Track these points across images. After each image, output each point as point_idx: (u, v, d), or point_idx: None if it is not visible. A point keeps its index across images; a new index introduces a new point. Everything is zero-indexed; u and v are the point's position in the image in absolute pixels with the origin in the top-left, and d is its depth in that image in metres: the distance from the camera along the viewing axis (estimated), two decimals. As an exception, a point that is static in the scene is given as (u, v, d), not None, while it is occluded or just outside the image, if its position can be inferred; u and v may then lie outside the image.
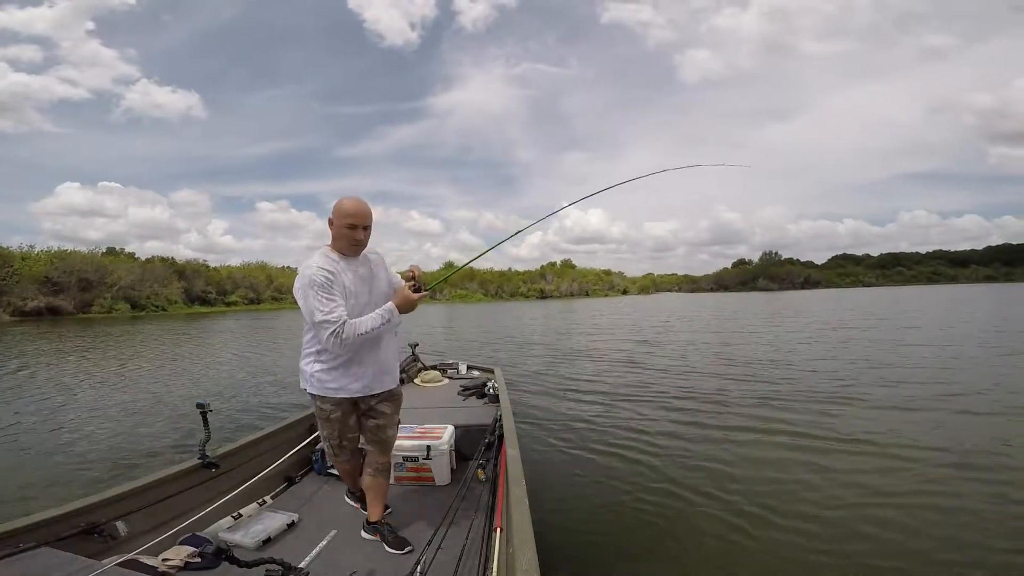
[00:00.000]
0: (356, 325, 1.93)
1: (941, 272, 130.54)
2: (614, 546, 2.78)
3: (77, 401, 7.24)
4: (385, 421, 2.25)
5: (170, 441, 5.13)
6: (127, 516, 2.04)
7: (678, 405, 5.68)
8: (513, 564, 1.44)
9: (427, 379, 4.88)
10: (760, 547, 2.74)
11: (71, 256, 46.13)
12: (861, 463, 4.00)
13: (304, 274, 1.96)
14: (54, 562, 1.54)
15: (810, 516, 3.05)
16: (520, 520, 1.61)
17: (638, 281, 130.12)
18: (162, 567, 1.71)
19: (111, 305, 44.03)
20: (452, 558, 1.83)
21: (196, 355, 13.09)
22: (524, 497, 1.81)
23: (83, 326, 27.53)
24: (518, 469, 2.12)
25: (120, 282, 45.73)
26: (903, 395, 6.16)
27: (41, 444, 5.19)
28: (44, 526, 1.76)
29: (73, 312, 41.48)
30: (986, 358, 8.84)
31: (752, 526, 2.95)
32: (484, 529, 2.14)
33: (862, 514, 3.13)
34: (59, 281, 42.28)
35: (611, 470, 3.85)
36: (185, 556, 1.75)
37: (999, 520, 3.03)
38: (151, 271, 50.32)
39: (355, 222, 2.02)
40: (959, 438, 4.46)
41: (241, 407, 6.59)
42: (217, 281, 57.93)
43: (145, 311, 45.91)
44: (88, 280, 44.24)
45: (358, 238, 2.05)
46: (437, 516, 2.17)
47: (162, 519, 2.14)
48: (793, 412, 5.45)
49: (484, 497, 2.42)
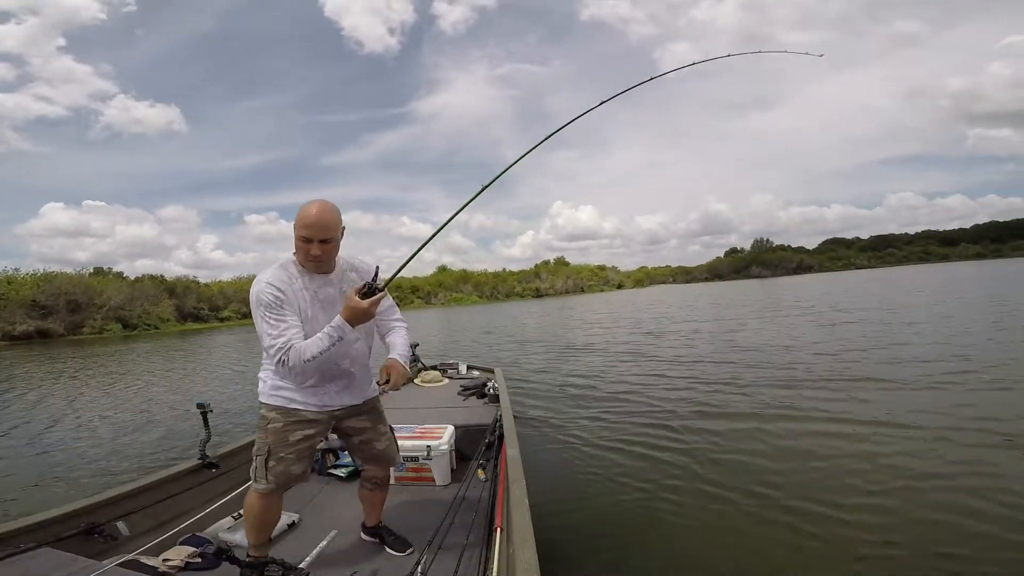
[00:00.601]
0: (301, 351, 1.64)
1: (932, 251, 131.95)
2: (615, 546, 2.75)
3: (67, 420, 6.97)
4: (368, 436, 2.00)
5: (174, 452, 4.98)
6: (128, 516, 2.04)
7: (679, 404, 5.55)
8: (513, 564, 1.43)
9: (427, 379, 4.82)
10: (765, 545, 2.66)
11: (57, 278, 45.45)
12: (887, 445, 3.87)
13: (252, 291, 1.71)
14: (55, 562, 1.55)
15: (813, 513, 2.93)
16: (520, 520, 1.61)
17: (632, 275, 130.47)
18: (162, 567, 1.69)
19: (102, 326, 43.39)
20: (452, 558, 1.82)
21: (193, 369, 12.74)
22: (524, 497, 1.81)
23: (74, 348, 27.02)
24: (518, 469, 2.11)
25: (110, 302, 45.06)
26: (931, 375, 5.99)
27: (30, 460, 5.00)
28: (45, 527, 1.76)
29: (63, 334, 40.85)
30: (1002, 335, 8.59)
31: (759, 522, 2.87)
32: (484, 529, 2.13)
33: (877, 503, 3.00)
34: (47, 304, 41.60)
35: (612, 469, 3.78)
36: (185, 556, 1.73)
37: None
38: (141, 290, 49.70)
39: (308, 235, 1.69)
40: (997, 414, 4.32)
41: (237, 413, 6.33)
42: (208, 297, 57.35)
43: (137, 330, 45.30)
44: (77, 302, 43.59)
45: (313, 253, 1.71)
46: (437, 516, 2.16)
47: (162, 519, 2.14)
48: (800, 401, 5.32)
49: (484, 497, 2.40)
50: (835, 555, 2.51)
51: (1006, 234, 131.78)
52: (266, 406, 1.83)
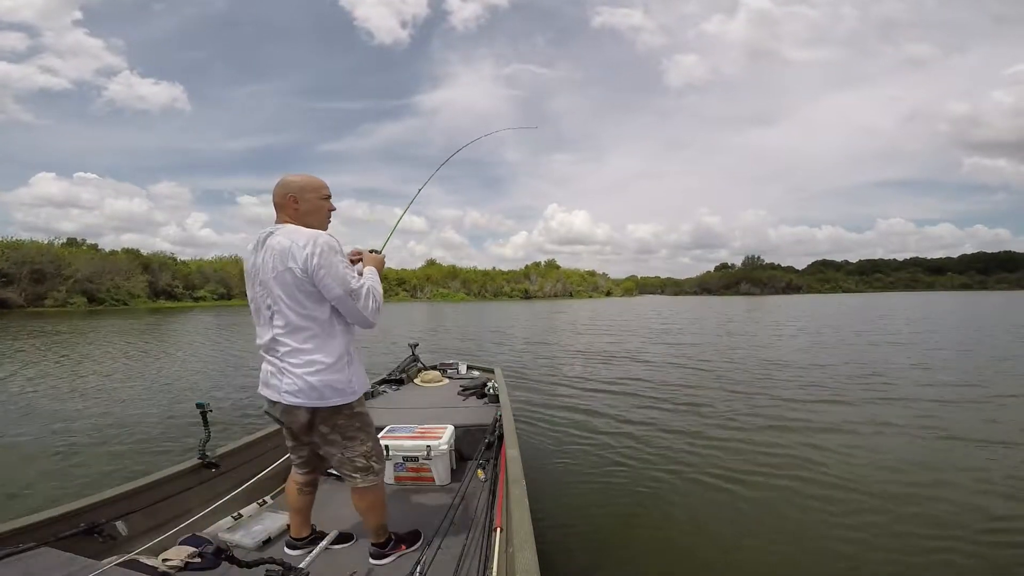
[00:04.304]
0: (377, 287, 1.80)
1: (919, 279, 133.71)
2: (614, 546, 2.74)
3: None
4: (331, 450, 1.85)
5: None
6: (127, 516, 2.02)
7: (680, 404, 5.66)
8: (513, 564, 1.45)
9: (427, 379, 4.80)
10: (765, 545, 2.70)
11: (24, 246, 43.24)
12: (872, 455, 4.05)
13: (320, 241, 1.64)
14: (54, 562, 1.54)
15: (819, 515, 3.02)
16: (520, 520, 1.62)
17: (622, 283, 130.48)
18: (162, 567, 1.68)
19: (65, 299, 41.28)
20: (452, 558, 1.82)
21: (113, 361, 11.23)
22: (524, 497, 1.80)
23: (27, 319, 25.22)
24: (518, 469, 2.11)
25: (76, 274, 42.94)
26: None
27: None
28: (44, 526, 1.75)
29: (23, 305, 38.77)
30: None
31: (759, 523, 2.92)
32: (484, 529, 2.10)
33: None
34: (8, 272, 39.46)
35: (612, 469, 3.78)
36: (185, 556, 1.71)
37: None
38: (113, 263, 47.55)
39: (328, 192, 1.85)
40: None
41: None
42: (185, 275, 55.24)
43: (104, 305, 43.25)
44: (42, 271, 41.46)
45: (331, 208, 1.87)
46: (437, 516, 2.16)
47: (162, 519, 2.13)
48: (808, 411, 5.41)
49: (484, 497, 2.38)
50: (835, 555, 2.58)
51: (992, 265, 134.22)
52: (359, 400, 1.84)
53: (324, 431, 1.78)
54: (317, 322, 1.68)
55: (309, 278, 1.62)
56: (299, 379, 1.67)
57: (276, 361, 1.70)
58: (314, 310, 1.67)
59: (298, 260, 1.61)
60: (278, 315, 1.67)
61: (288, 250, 1.62)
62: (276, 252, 1.63)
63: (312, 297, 1.65)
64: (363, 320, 1.74)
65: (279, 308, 1.66)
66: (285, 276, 1.62)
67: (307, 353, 1.67)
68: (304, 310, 1.66)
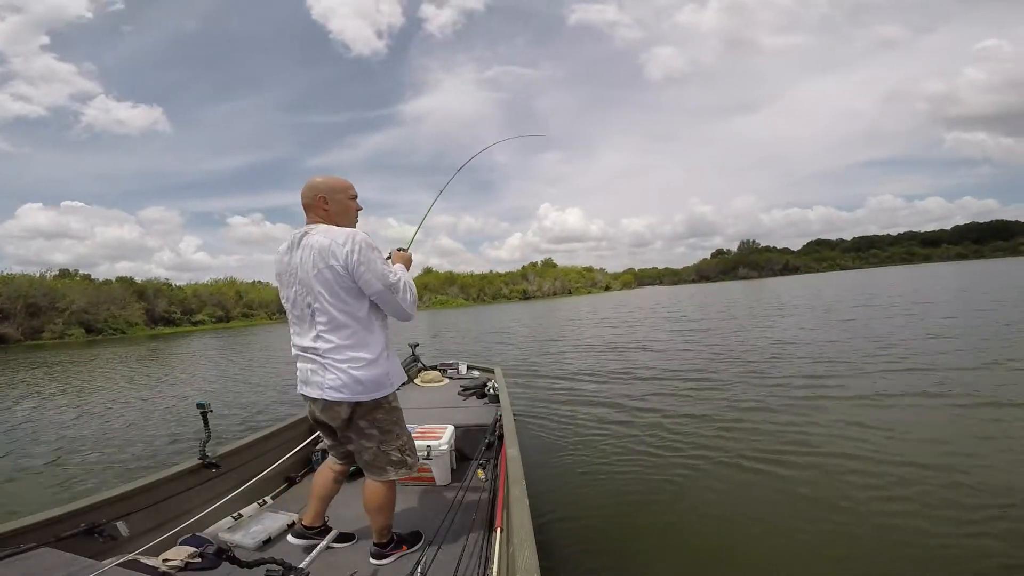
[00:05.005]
0: (410, 280, 1.86)
1: (915, 252, 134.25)
2: (615, 546, 2.70)
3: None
4: (367, 444, 1.87)
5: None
6: (128, 516, 2.03)
7: (680, 403, 5.43)
8: (513, 564, 1.44)
9: (427, 379, 4.80)
10: (765, 544, 2.59)
11: (16, 280, 42.91)
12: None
13: (358, 239, 1.69)
14: (54, 562, 1.54)
15: (820, 513, 2.83)
16: (520, 520, 1.59)
17: (620, 276, 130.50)
18: (162, 567, 1.65)
19: (63, 330, 40.96)
20: (452, 558, 1.82)
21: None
22: (524, 497, 1.78)
23: (27, 353, 24.97)
24: (518, 469, 2.08)
25: (72, 306, 42.60)
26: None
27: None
28: (44, 526, 1.76)
29: (21, 340, 38.47)
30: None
31: (759, 521, 2.81)
32: (484, 529, 2.12)
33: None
34: (3, 308, 39.13)
35: (612, 469, 3.73)
36: (185, 556, 1.67)
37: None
38: (107, 293, 47.25)
39: (355, 192, 1.91)
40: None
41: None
42: (181, 300, 54.93)
43: (102, 335, 42.94)
44: (37, 305, 41.15)
45: (358, 207, 1.92)
46: (437, 516, 2.17)
47: (162, 519, 2.13)
48: (807, 400, 5.11)
49: (484, 497, 2.39)
50: (835, 554, 2.45)
51: (986, 235, 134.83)
52: (394, 394, 1.87)
53: (362, 425, 1.80)
54: (357, 319, 1.73)
55: (350, 275, 1.67)
56: (344, 374, 1.70)
57: (318, 358, 1.74)
58: (354, 306, 1.72)
59: (339, 257, 1.66)
60: (320, 312, 1.70)
61: (328, 248, 1.67)
62: (316, 250, 1.68)
63: (352, 293, 1.70)
64: (402, 312, 1.79)
65: (321, 305, 1.70)
66: (326, 273, 1.67)
67: (350, 349, 1.71)
68: (346, 306, 1.70)
